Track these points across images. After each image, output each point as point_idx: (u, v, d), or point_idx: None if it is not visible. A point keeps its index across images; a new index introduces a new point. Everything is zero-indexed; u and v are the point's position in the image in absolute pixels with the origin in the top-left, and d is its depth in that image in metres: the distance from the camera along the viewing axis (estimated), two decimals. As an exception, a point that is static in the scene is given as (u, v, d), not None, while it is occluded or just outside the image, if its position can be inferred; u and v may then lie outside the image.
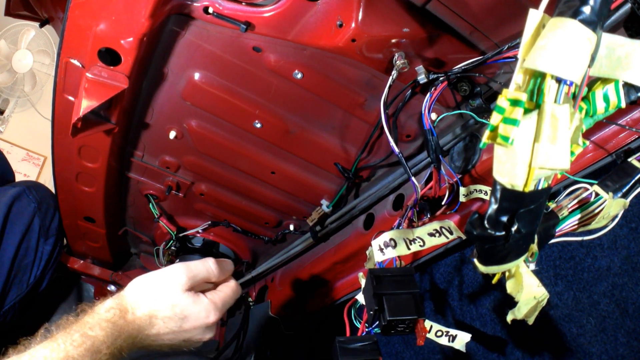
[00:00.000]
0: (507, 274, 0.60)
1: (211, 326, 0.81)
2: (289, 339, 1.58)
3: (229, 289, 0.85)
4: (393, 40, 0.85)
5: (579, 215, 0.66)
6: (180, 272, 0.79)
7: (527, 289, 0.59)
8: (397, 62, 0.85)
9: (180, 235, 1.43)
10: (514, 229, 0.48)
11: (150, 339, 0.75)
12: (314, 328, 1.64)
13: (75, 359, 0.65)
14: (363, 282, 0.80)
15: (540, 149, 0.41)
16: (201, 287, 0.83)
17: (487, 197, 0.86)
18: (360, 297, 0.81)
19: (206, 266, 0.83)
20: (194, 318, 0.78)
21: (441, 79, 0.83)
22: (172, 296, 0.77)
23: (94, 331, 0.69)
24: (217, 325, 0.85)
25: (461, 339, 0.77)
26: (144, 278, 0.79)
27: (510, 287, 0.61)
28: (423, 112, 0.83)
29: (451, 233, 0.81)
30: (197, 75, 0.98)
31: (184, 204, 1.35)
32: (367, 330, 0.80)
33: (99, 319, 0.70)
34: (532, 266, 0.61)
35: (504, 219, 0.48)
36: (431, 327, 0.77)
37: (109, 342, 0.69)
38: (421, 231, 0.81)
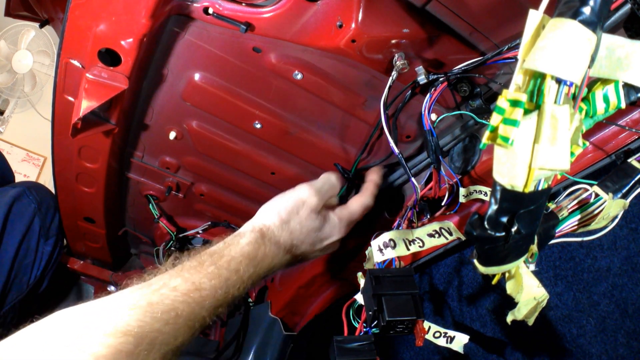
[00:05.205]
0: (507, 274, 0.60)
1: (338, 241, 0.88)
2: (289, 339, 1.57)
3: (357, 206, 0.91)
4: (393, 41, 0.85)
5: (578, 216, 0.66)
6: (311, 196, 0.84)
7: (527, 289, 0.59)
8: (397, 62, 0.85)
9: (180, 235, 1.43)
10: (514, 229, 0.48)
11: (283, 264, 0.81)
12: (314, 328, 1.64)
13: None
14: (362, 282, 0.80)
15: (540, 149, 0.41)
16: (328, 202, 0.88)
17: (486, 198, 0.86)
18: (359, 297, 0.81)
19: (330, 183, 0.89)
20: (325, 238, 0.85)
21: (441, 79, 0.83)
22: (307, 223, 0.82)
23: (231, 265, 0.71)
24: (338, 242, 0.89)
25: (459, 340, 0.77)
26: (276, 205, 0.83)
27: (510, 287, 0.61)
28: (423, 112, 0.83)
29: (451, 234, 0.81)
30: (197, 76, 0.98)
31: (184, 205, 1.35)
32: (364, 330, 0.80)
33: (236, 254, 0.73)
34: (532, 267, 0.61)
35: (504, 219, 0.48)
36: (429, 328, 0.77)
37: (246, 275, 0.72)
38: (421, 232, 0.81)
